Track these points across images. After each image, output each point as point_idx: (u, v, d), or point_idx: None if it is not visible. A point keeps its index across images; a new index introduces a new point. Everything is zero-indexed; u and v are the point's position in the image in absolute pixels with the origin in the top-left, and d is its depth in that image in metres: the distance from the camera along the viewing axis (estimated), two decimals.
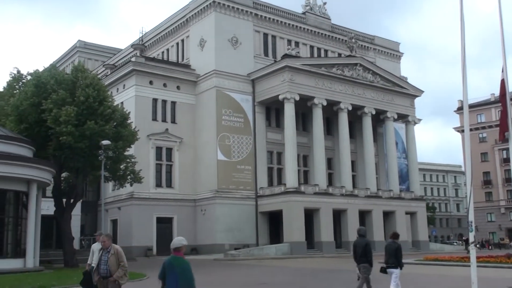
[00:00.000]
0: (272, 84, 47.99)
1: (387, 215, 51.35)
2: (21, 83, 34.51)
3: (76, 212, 37.80)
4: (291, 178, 45.67)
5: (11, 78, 35.23)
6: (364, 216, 49.57)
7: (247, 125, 48.55)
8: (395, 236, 13.68)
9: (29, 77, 33.37)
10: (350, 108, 50.57)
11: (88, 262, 14.09)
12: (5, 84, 36.29)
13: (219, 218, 45.20)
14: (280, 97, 46.92)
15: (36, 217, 28.31)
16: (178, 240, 8.45)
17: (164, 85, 48.02)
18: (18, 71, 35.20)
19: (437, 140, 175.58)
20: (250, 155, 48.17)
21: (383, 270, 13.21)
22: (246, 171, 47.77)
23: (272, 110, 51.24)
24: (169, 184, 47.28)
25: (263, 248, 42.62)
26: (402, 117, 56.26)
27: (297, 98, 46.91)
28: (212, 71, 47.91)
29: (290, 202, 44.24)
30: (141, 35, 58.88)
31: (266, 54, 52.16)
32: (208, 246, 44.95)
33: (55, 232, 41.26)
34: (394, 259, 13.07)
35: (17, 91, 33.54)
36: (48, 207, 34.50)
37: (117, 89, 48.65)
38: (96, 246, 13.96)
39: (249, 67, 49.49)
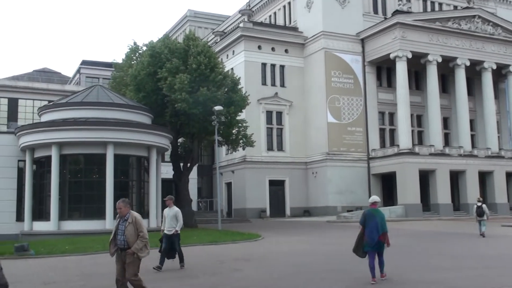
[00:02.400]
0: (383, 42, 46.39)
1: (511, 177, 48.42)
2: (138, 54, 36.24)
3: (193, 175, 39.52)
4: (404, 139, 44.34)
5: (129, 50, 37.12)
6: (484, 177, 47.08)
7: (357, 86, 47.57)
8: None
9: (144, 48, 34.92)
10: (467, 63, 47.67)
11: (162, 228, 14.38)
12: (124, 56, 38.40)
13: (331, 180, 45.15)
14: (392, 56, 45.32)
15: (157, 180, 30.00)
16: (375, 197, 11.93)
17: (273, 49, 48.15)
18: (135, 43, 36.99)
19: None
20: (361, 116, 47.31)
21: None
22: (357, 133, 47.05)
23: (383, 69, 49.73)
24: (280, 148, 47.80)
25: None
26: None
27: (410, 55, 45.05)
28: (320, 32, 47.22)
29: (404, 164, 43.03)
30: (248, 0, 59.19)
31: (375, 11, 50.35)
32: (320, 208, 45.19)
33: (174, 194, 43.55)
34: None
35: (135, 62, 35.28)
36: (167, 171, 36.42)
37: (227, 55, 49.57)
38: (167, 211, 14.27)
39: (358, 26, 48.14)
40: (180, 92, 29.69)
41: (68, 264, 16.13)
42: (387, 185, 46.33)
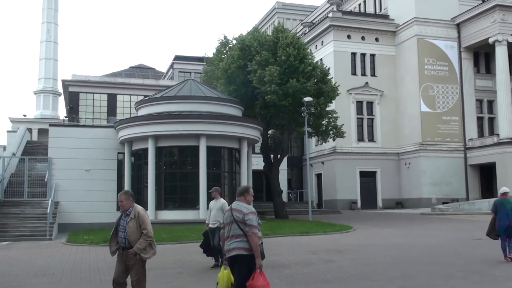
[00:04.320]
0: (480, 26, 44.08)
1: None
2: (228, 47, 36.80)
3: (283, 167, 39.71)
4: (505, 127, 41.97)
5: (220, 44, 37.81)
6: None
7: (452, 73, 45.60)
8: None
9: (234, 42, 35.41)
10: None
11: (206, 222, 13.38)
12: (214, 50, 39.20)
13: (425, 171, 43.71)
14: (490, 40, 42.97)
15: (248, 171, 30.43)
16: (505, 188, 13.44)
17: (362, 38, 47.21)
18: (225, 37, 37.57)
19: None
20: (456, 105, 45.35)
21: None
22: (453, 122, 45.16)
23: (481, 55, 47.32)
24: (371, 138, 46.90)
25: (474, 203, 40.15)
26: None
27: (511, 39, 42.51)
28: (412, 19, 45.67)
29: (505, 154, 40.78)
30: None
31: None
32: (413, 200, 43.92)
33: (264, 185, 44.06)
34: None
35: (225, 55, 35.87)
36: (257, 162, 36.87)
37: (316, 46, 49.21)
38: (212, 204, 13.29)
39: (453, 11, 46.05)
40: (270, 84, 29.86)
41: (165, 252, 16.77)
42: (486, 176, 44.17)
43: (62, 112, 71.46)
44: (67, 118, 49.75)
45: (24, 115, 60.52)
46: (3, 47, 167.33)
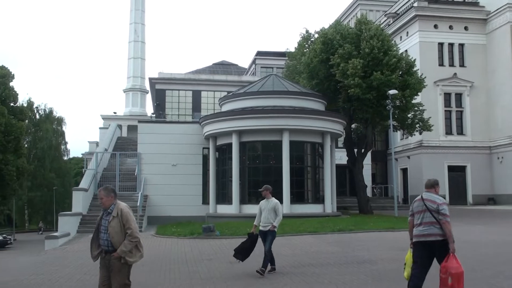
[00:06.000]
0: None
1: None
2: (310, 42, 36.66)
3: (367, 161, 39.06)
4: None
5: (301, 39, 37.73)
6: None
7: None
8: None
9: (316, 36, 35.18)
10: None
11: (255, 223, 11.96)
12: (296, 45, 39.18)
13: None
14: None
15: (331, 166, 30.20)
16: None
17: (450, 27, 45.35)
18: (307, 31, 37.45)
19: None
20: None
21: None
22: None
23: None
24: (460, 131, 45.01)
25: None
26: None
27: None
28: (505, 5, 43.27)
29: None
30: None
31: None
32: (507, 196, 41.70)
33: (348, 180, 43.51)
34: None
35: (307, 50, 35.74)
36: (340, 157, 36.49)
37: (400, 37, 47.85)
38: (263, 204, 11.80)
39: None
40: (353, 78, 29.43)
41: None
42: None
43: (149, 109, 74.21)
44: (154, 115, 51.55)
45: (115, 112, 63.30)
46: (96, 48, 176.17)
